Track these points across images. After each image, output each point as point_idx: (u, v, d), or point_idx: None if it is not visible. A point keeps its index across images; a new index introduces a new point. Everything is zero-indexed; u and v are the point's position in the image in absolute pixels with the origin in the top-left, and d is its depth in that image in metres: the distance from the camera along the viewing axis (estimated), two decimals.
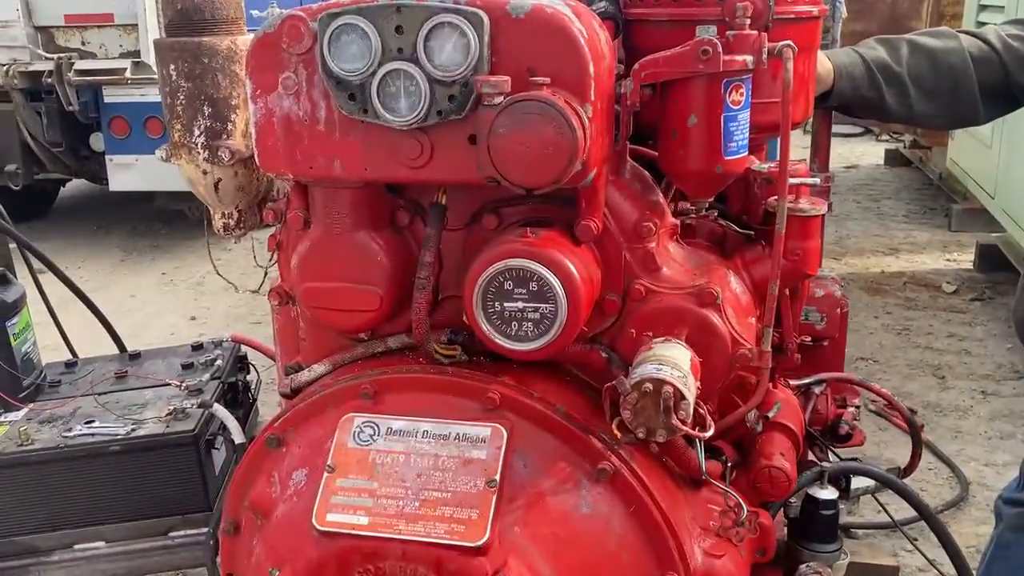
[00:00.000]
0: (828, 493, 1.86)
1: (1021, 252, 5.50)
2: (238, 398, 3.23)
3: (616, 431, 1.38)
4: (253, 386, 3.36)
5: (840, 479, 1.93)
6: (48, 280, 3.37)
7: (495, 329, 1.42)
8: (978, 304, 6.02)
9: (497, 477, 1.41)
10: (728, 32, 1.44)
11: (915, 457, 2.08)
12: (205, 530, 2.77)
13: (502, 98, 1.26)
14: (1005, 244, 6.04)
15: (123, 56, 6.66)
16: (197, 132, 1.56)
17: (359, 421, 1.50)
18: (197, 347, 3.34)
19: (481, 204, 1.54)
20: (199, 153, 1.57)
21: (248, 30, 1.57)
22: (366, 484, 1.44)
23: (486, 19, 1.29)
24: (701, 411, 1.33)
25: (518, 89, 1.28)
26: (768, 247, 1.61)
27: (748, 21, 1.44)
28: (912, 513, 2.02)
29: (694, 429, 1.32)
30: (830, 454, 2.02)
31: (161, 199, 7.45)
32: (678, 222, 1.57)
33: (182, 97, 1.55)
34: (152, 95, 6.71)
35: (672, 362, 1.34)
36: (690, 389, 1.31)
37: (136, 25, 6.53)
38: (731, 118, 1.45)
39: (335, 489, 1.44)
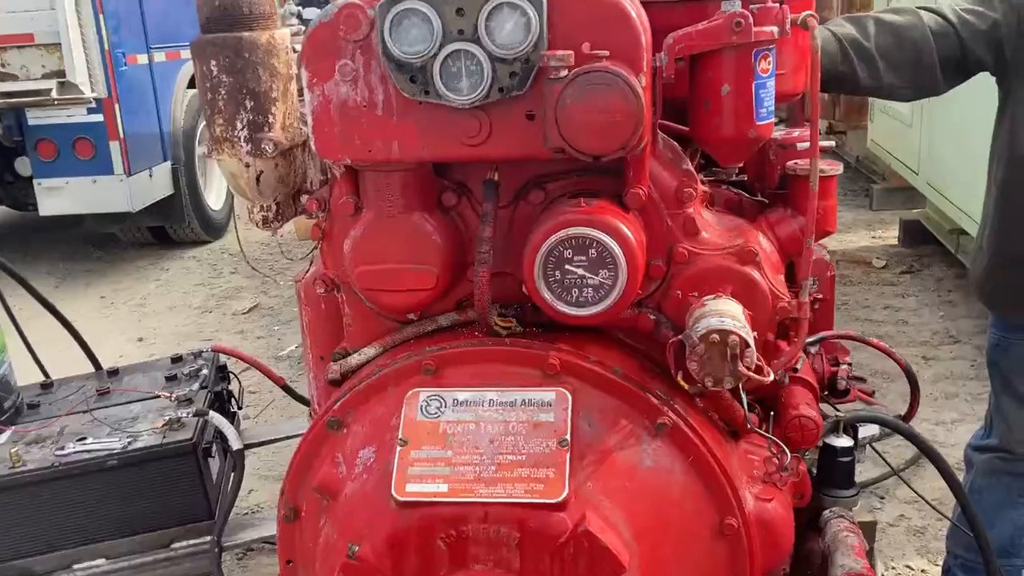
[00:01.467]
0: (845, 441, 1.98)
1: (946, 224, 5.81)
2: (225, 407, 3.22)
3: (683, 383, 1.46)
4: (237, 395, 3.35)
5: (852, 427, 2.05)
6: None
7: (557, 297, 1.49)
8: (908, 276, 6.33)
9: (568, 437, 1.48)
10: (751, 5, 1.54)
11: (914, 403, 2.22)
12: (208, 538, 2.77)
13: (567, 72, 1.33)
14: (927, 219, 6.37)
15: (46, 77, 6.47)
16: (240, 126, 1.58)
17: (425, 395, 1.55)
18: (177, 359, 3.30)
19: (525, 180, 1.61)
20: (242, 147, 1.59)
21: None
22: (441, 454, 1.49)
23: None
24: (759, 359, 1.43)
25: (577, 63, 1.35)
26: (789, 208, 1.72)
27: None
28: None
29: (757, 375, 1.41)
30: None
31: (91, 222, 7.26)
32: (708, 189, 1.67)
33: (224, 92, 1.57)
34: (80, 116, 6.55)
35: (731, 314, 1.44)
36: (751, 337, 1.40)
37: (59, 44, 6.36)
38: (761, 85, 1.54)
39: (411, 461, 1.49)
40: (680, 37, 1.52)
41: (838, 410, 2.29)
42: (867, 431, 2.22)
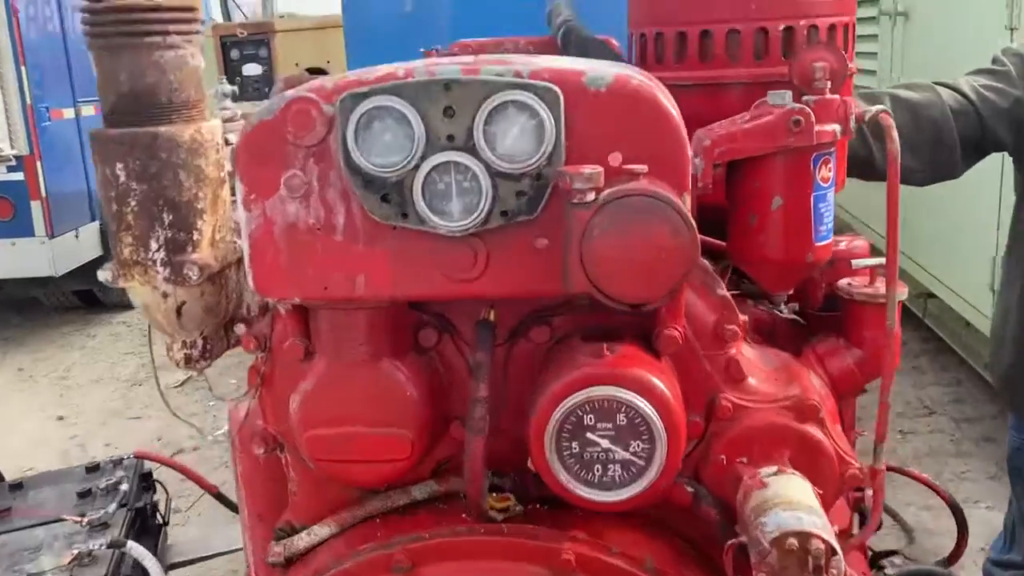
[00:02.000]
0: None
1: (913, 288, 5.61)
2: (147, 524, 2.79)
3: None
4: (162, 507, 2.92)
5: None
6: None
7: (574, 476, 1.14)
8: None
9: None
10: (805, 97, 1.23)
11: (960, 544, 1.90)
12: None
13: (594, 194, 0.99)
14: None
15: None
16: (155, 247, 1.21)
17: None
18: (93, 468, 2.85)
19: (524, 314, 1.26)
20: (158, 272, 1.22)
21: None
22: None
23: (561, 95, 1.02)
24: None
25: (606, 181, 1.01)
26: (842, 339, 1.40)
27: (829, 84, 1.23)
28: None
29: None
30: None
31: (11, 287, 6.72)
32: (746, 318, 1.34)
33: (134, 203, 1.20)
34: None
35: (806, 505, 1.10)
36: (835, 541, 1.07)
37: None
38: (820, 197, 1.23)
39: None
40: (721, 138, 1.20)
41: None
42: None
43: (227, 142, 1.34)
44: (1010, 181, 2.26)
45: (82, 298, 7.36)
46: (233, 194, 1.21)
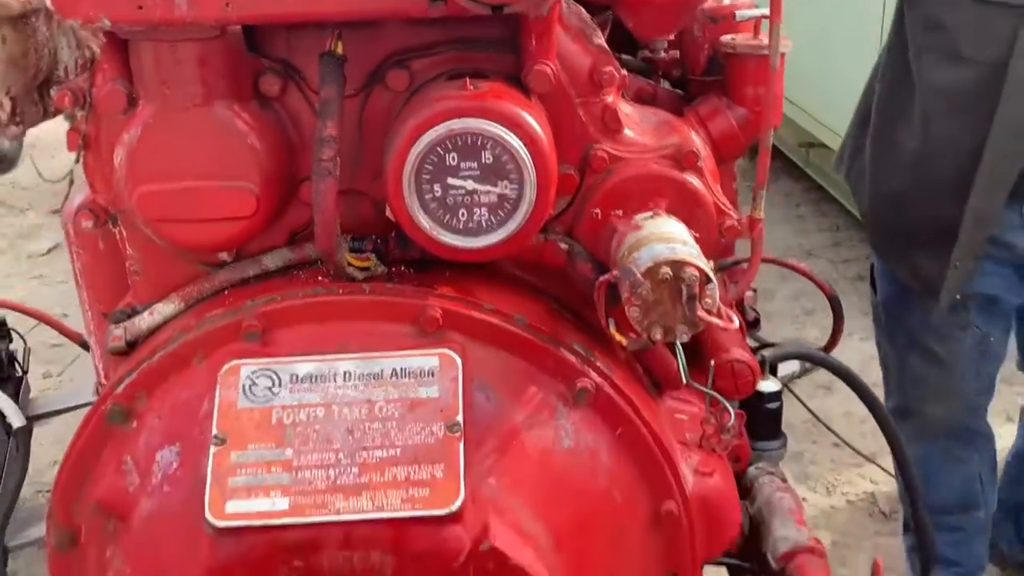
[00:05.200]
0: (772, 384, 1.66)
1: (797, 138, 5.66)
2: (3, 372, 2.62)
3: (617, 336, 1.05)
4: (20, 356, 2.74)
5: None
6: None
7: (437, 222, 1.04)
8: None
9: (460, 418, 1.05)
10: None
11: (837, 332, 1.92)
12: None
13: None
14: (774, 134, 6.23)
15: None
16: None
17: (248, 371, 1.08)
18: None
19: (381, 58, 1.13)
20: None
21: None
22: (276, 454, 1.03)
23: None
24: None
25: None
26: (725, 98, 1.33)
27: None
28: None
29: (719, 320, 1.02)
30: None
31: None
32: (625, 73, 1.24)
33: None
34: None
35: (679, 238, 1.03)
36: (710, 269, 1.01)
37: None
38: None
39: (231, 467, 1.02)
40: None
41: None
42: (784, 370, 1.92)
43: None
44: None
45: None
46: None
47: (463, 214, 1.05)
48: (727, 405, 1.28)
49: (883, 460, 3.03)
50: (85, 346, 2.71)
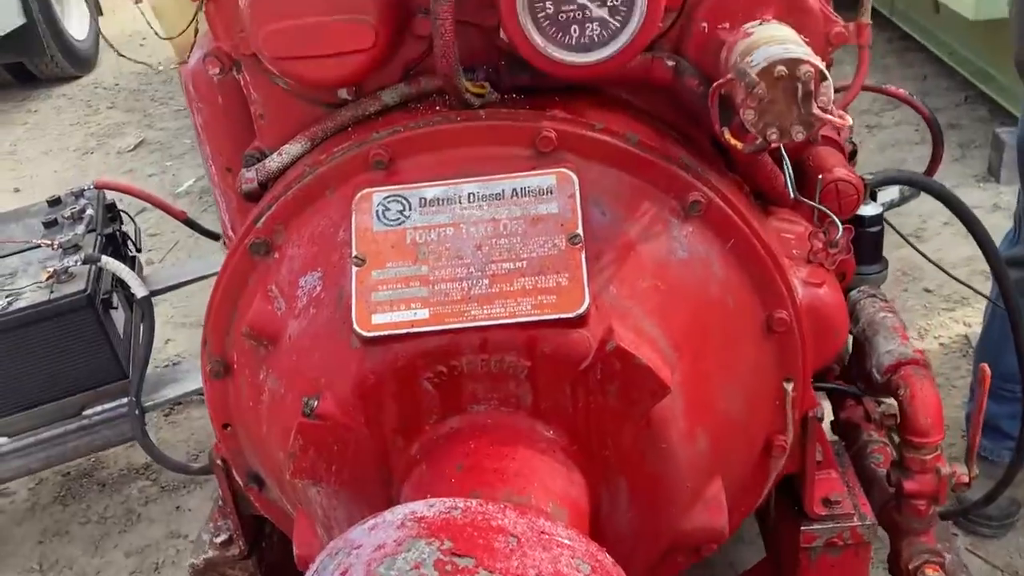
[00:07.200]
0: (873, 208, 1.67)
1: None
2: (120, 251, 2.75)
3: (732, 140, 1.09)
4: (133, 236, 2.87)
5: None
6: None
7: (550, 39, 1.08)
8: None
9: (580, 231, 1.11)
10: None
11: (936, 157, 1.91)
12: (125, 400, 2.38)
13: None
14: None
15: None
16: None
17: (379, 197, 1.15)
18: (54, 202, 2.78)
19: None
20: None
21: None
22: (413, 270, 1.11)
23: None
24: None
25: None
26: None
27: None
28: None
29: (835, 117, 1.04)
30: None
31: None
32: None
33: None
34: None
35: (794, 40, 1.05)
36: (824, 67, 1.02)
37: None
38: None
39: (373, 284, 1.11)
40: None
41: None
42: (884, 197, 1.92)
43: None
44: None
45: (14, 73, 6.97)
46: None
47: (575, 30, 1.08)
48: (835, 219, 1.31)
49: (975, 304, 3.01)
50: (190, 224, 2.84)
